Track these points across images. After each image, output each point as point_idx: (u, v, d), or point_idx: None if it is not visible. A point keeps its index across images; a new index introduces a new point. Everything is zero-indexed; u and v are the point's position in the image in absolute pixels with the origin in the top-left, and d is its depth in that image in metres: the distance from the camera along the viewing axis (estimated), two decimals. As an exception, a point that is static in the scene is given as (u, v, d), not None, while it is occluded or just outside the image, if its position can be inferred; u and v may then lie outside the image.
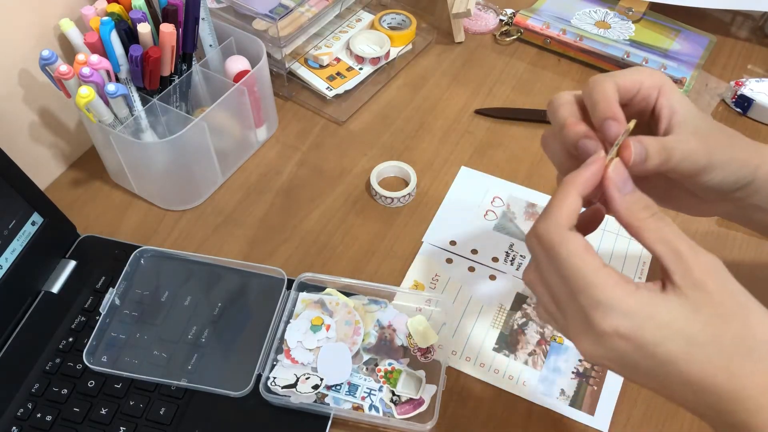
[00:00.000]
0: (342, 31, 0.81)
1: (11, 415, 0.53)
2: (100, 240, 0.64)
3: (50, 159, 0.69)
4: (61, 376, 0.55)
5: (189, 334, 0.57)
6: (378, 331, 0.57)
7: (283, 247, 0.65)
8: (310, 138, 0.74)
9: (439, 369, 0.54)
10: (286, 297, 0.58)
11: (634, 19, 0.85)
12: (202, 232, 0.66)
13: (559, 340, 0.58)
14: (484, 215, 0.67)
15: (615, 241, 0.64)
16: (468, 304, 0.60)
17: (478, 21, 0.86)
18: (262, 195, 0.69)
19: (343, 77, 0.78)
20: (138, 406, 0.53)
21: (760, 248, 0.64)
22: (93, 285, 0.60)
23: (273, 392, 0.52)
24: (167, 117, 0.64)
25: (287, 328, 0.56)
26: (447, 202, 0.68)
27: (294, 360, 0.54)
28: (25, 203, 0.57)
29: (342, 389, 0.53)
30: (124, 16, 0.61)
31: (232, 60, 0.67)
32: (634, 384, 0.52)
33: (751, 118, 0.76)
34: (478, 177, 0.70)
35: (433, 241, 0.65)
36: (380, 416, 0.52)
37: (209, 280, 0.61)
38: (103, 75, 0.58)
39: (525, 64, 0.82)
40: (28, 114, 0.64)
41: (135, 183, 0.67)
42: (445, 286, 0.62)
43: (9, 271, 0.56)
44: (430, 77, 0.81)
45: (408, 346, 0.56)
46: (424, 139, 0.74)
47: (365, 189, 0.69)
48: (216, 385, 0.53)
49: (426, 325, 0.57)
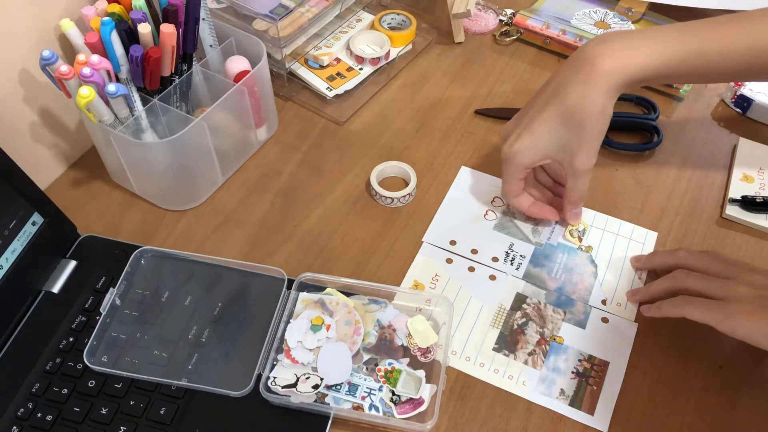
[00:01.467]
0: (342, 31, 0.81)
1: (11, 414, 0.53)
2: (100, 240, 0.64)
3: (51, 159, 0.69)
4: (62, 376, 0.55)
5: (189, 334, 0.57)
6: (378, 331, 0.57)
7: (283, 247, 0.65)
8: (310, 138, 0.74)
9: (439, 369, 0.54)
10: (286, 297, 0.58)
11: (634, 19, 0.85)
12: (202, 232, 0.66)
13: (558, 339, 0.58)
14: (484, 215, 0.67)
15: (614, 241, 0.64)
16: (468, 304, 0.60)
17: (478, 21, 0.86)
18: (262, 195, 0.69)
19: (343, 77, 0.78)
20: (138, 405, 0.53)
21: (760, 248, 0.64)
22: (93, 285, 0.60)
23: (273, 392, 0.52)
24: (167, 117, 0.64)
25: (287, 328, 0.56)
26: (447, 202, 0.68)
27: (294, 360, 0.54)
28: (25, 203, 0.57)
29: (342, 389, 0.53)
30: (125, 17, 0.61)
31: (232, 60, 0.67)
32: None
33: (751, 118, 0.76)
34: (478, 177, 0.70)
35: (433, 240, 0.65)
36: (380, 416, 0.52)
37: (209, 280, 0.61)
38: (104, 75, 0.58)
39: (525, 64, 0.82)
40: (29, 114, 0.64)
41: (135, 183, 0.67)
42: (445, 286, 0.62)
43: (9, 271, 0.56)
44: (430, 77, 0.81)
45: (408, 346, 0.56)
46: (424, 139, 0.74)
47: (365, 189, 0.69)
48: (216, 385, 0.53)
49: (426, 325, 0.57)
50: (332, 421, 0.53)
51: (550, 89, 0.57)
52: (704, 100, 0.78)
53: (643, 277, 0.62)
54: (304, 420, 0.53)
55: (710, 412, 0.54)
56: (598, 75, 0.54)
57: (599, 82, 0.54)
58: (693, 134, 0.75)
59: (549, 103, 0.57)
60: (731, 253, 0.64)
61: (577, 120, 0.55)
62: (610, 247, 0.64)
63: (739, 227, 0.66)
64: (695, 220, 0.67)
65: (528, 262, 0.63)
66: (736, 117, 0.76)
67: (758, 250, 0.64)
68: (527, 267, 0.63)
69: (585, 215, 0.66)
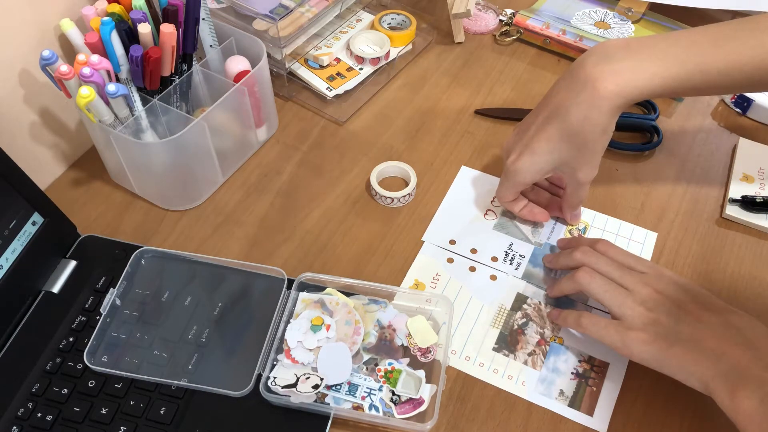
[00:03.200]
0: (342, 31, 0.81)
1: (11, 415, 0.53)
2: (100, 240, 0.64)
3: (50, 159, 0.69)
4: (62, 376, 0.55)
5: (189, 334, 0.57)
6: (378, 331, 0.57)
7: (283, 247, 0.65)
8: (310, 138, 0.74)
9: (439, 369, 0.54)
10: (286, 297, 0.58)
11: (634, 19, 0.85)
12: (202, 232, 0.66)
13: (558, 340, 0.58)
14: (484, 215, 0.67)
15: (614, 241, 0.64)
16: (468, 303, 0.60)
17: (478, 21, 0.86)
18: (262, 195, 0.69)
19: (343, 77, 0.78)
20: (138, 405, 0.53)
21: (760, 248, 0.64)
22: (93, 285, 0.60)
23: (273, 392, 0.52)
24: (167, 117, 0.64)
25: (287, 327, 0.56)
26: (447, 202, 0.68)
27: (294, 360, 0.54)
28: (25, 203, 0.57)
29: (342, 389, 0.53)
30: (125, 17, 0.61)
31: (232, 60, 0.67)
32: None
33: (751, 118, 0.76)
34: (478, 177, 0.70)
35: (433, 240, 0.65)
36: (380, 416, 0.52)
37: (210, 280, 0.61)
38: (104, 75, 0.58)
39: (525, 64, 0.82)
40: (29, 114, 0.64)
41: (135, 183, 0.67)
42: (445, 285, 0.62)
43: (9, 271, 0.56)
44: (430, 77, 0.81)
45: (408, 346, 0.56)
46: (424, 139, 0.74)
47: (365, 189, 0.69)
48: (216, 385, 0.53)
49: (426, 325, 0.57)
50: (332, 421, 0.53)
51: (551, 107, 0.56)
52: (704, 100, 0.78)
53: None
54: (304, 420, 0.53)
55: (710, 414, 0.54)
56: (600, 98, 0.53)
57: (601, 104, 0.53)
58: (693, 134, 0.75)
59: (550, 122, 0.56)
60: (731, 252, 0.64)
61: (579, 140, 0.55)
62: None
63: (739, 227, 0.66)
64: (695, 220, 0.67)
65: (527, 262, 0.63)
66: (736, 117, 0.76)
67: (758, 250, 0.64)
68: (526, 267, 0.63)
69: (585, 215, 0.66)
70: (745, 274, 0.63)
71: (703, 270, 0.63)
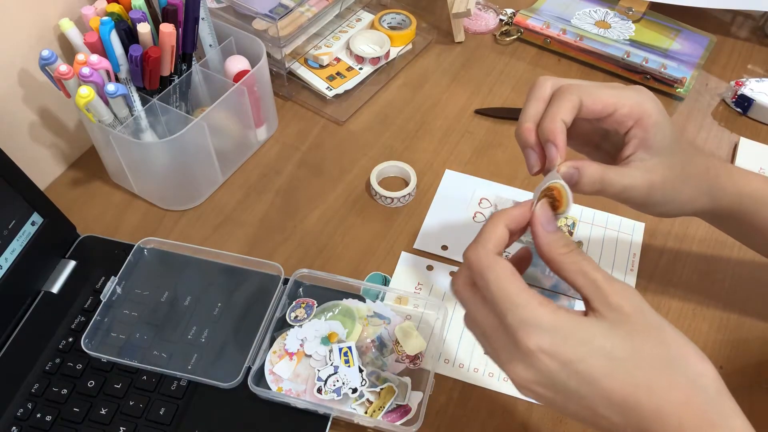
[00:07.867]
0: (342, 30, 0.81)
1: (11, 415, 0.53)
2: (100, 240, 0.64)
3: (50, 159, 0.69)
4: (61, 376, 0.55)
5: (189, 335, 0.57)
6: (375, 334, 0.57)
7: (283, 247, 0.65)
8: (310, 138, 0.74)
9: (427, 376, 0.54)
10: (281, 293, 0.58)
11: (634, 18, 0.85)
12: (202, 232, 0.66)
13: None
14: (473, 217, 0.67)
15: (604, 233, 0.64)
16: (455, 310, 0.59)
17: (478, 21, 0.86)
18: (262, 195, 0.69)
19: (343, 77, 0.78)
20: (138, 406, 0.53)
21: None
22: (93, 285, 0.60)
23: (260, 386, 0.52)
24: (167, 117, 0.64)
25: (284, 326, 0.56)
26: (434, 208, 0.67)
27: (291, 358, 0.54)
28: (25, 203, 0.57)
29: (342, 389, 0.53)
30: (124, 16, 0.60)
31: (232, 60, 0.67)
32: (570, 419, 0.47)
33: (751, 117, 0.76)
34: (463, 179, 0.70)
35: (424, 247, 0.64)
36: (378, 419, 0.52)
37: (208, 277, 0.61)
38: (103, 75, 0.58)
39: (525, 64, 0.82)
40: (28, 114, 0.64)
41: (135, 183, 0.67)
42: (429, 293, 0.61)
43: (9, 271, 0.56)
44: (430, 77, 0.81)
45: (396, 353, 0.56)
46: (424, 139, 0.74)
47: (365, 189, 0.69)
48: (207, 377, 0.54)
49: (414, 332, 0.56)
50: (332, 422, 0.53)
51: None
52: (705, 100, 0.78)
53: (635, 268, 0.62)
54: (303, 420, 0.53)
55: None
56: None
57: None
58: (693, 134, 0.74)
59: None
60: (731, 252, 0.64)
61: None
62: (599, 241, 0.64)
63: (739, 227, 0.66)
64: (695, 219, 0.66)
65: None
66: (737, 117, 0.76)
67: (758, 250, 0.64)
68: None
69: (573, 210, 0.66)
70: (745, 274, 0.63)
71: (703, 270, 0.63)
